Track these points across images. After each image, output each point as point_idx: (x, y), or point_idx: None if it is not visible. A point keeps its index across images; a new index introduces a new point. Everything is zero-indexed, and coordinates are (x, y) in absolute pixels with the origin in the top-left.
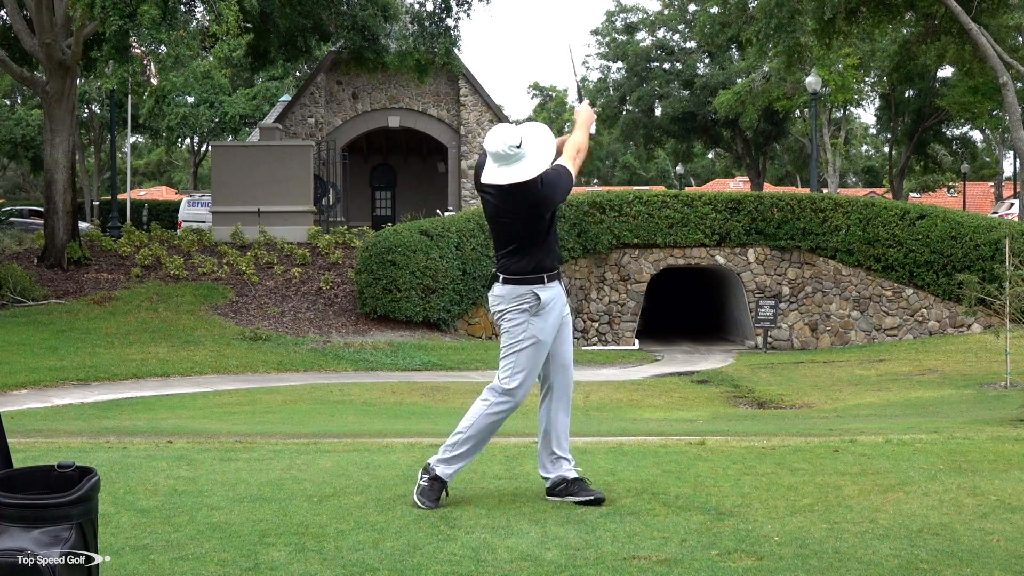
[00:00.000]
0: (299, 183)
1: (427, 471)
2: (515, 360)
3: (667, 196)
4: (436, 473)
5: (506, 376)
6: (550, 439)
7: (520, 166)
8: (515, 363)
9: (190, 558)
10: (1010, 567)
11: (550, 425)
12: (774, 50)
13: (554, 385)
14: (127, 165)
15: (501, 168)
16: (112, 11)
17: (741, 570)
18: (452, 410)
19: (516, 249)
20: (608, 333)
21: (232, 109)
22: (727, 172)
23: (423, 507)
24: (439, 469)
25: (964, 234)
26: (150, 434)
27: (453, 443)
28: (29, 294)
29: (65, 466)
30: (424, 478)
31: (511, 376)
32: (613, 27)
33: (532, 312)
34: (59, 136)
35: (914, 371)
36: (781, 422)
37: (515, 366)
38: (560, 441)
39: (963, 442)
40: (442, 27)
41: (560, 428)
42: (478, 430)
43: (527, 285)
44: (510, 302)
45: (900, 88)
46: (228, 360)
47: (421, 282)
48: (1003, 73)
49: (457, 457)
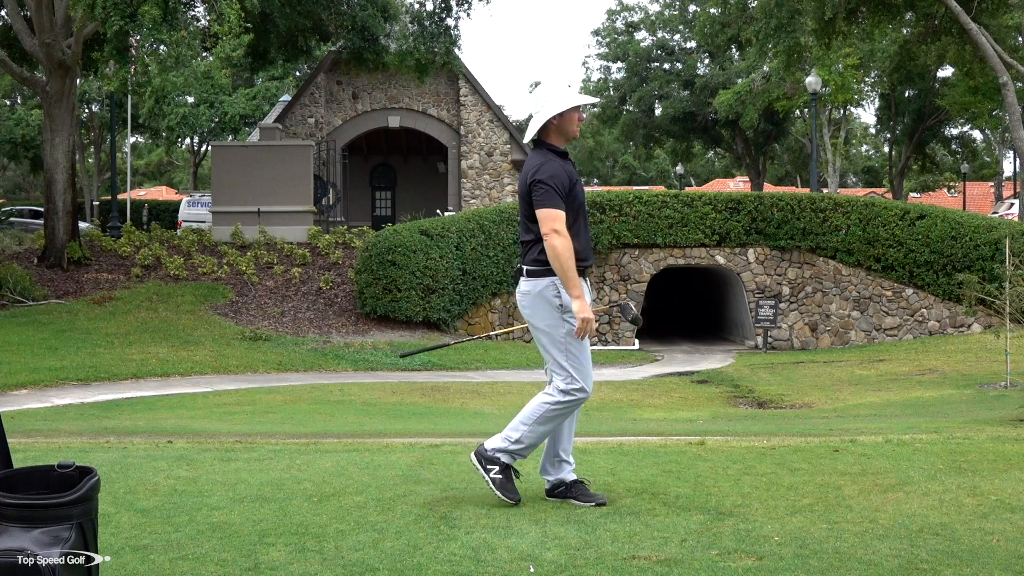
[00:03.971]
0: (299, 183)
1: (494, 461)
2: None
3: (667, 196)
4: (502, 460)
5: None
6: (556, 443)
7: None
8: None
9: (190, 558)
10: (1010, 567)
11: (558, 430)
12: (774, 50)
13: None
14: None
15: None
16: (113, 11)
17: (741, 570)
18: (452, 410)
19: (532, 240)
20: (608, 333)
21: (232, 109)
22: (727, 172)
23: (512, 503)
24: (504, 457)
25: (964, 234)
26: (150, 434)
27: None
28: (29, 294)
29: (65, 466)
30: (493, 471)
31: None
32: (614, 28)
33: (563, 309)
34: (59, 136)
35: (914, 371)
36: (781, 422)
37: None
38: (564, 445)
39: (963, 442)
40: (442, 27)
41: (566, 434)
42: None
43: (548, 276)
44: (535, 297)
45: (900, 88)
46: (228, 360)
47: (421, 282)
48: (1003, 73)
49: (518, 452)
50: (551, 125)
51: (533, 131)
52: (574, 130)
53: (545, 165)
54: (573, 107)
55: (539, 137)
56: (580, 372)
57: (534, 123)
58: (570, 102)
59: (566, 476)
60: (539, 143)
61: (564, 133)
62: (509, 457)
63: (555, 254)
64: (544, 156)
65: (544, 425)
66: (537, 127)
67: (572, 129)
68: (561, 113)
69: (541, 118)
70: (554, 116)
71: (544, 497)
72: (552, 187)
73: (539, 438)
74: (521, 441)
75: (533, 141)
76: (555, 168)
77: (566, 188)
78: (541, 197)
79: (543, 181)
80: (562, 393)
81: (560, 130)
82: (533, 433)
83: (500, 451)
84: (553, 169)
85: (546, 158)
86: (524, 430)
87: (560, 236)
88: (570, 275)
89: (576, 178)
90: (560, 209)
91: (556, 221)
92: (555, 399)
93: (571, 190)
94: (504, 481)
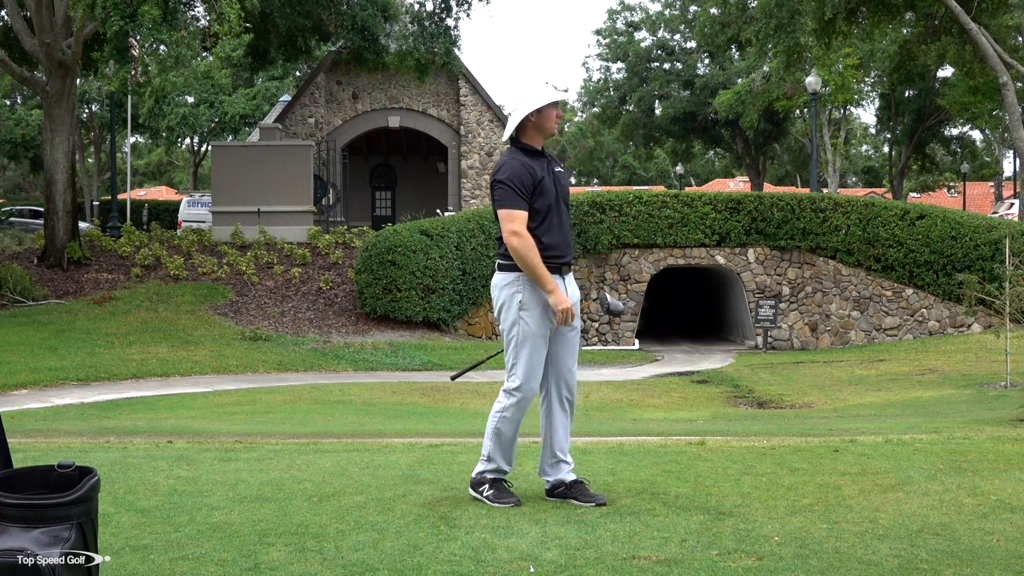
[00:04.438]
0: (299, 183)
1: (482, 483)
2: (509, 356)
3: (667, 196)
4: (487, 477)
5: (509, 375)
6: (551, 443)
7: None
8: (512, 359)
9: (190, 558)
10: (1010, 567)
11: (550, 431)
12: (774, 50)
13: (559, 394)
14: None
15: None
16: (113, 11)
17: (741, 570)
18: (452, 410)
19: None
20: (608, 333)
21: (232, 109)
22: (727, 172)
23: (513, 505)
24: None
25: (964, 234)
26: (150, 434)
27: (483, 456)
28: (29, 294)
29: (65, 466)
30: (485, 490)
31: (510, 375)
32: (614, 28)
33: (521, 307)
34: (59, 136)
35: (914, 371)
36: (781, 422)
37: (512, 363)
38: (561, 444)
39: (963, 442)
40: (442, 27)
41: (560, 433)
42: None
43: (515, 272)
44: (500, 290)
45: (900, 88)
46: (228, 360)
47: (421, 282)
48: (1003, 73)
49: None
50: (529, 123)
51: (511, 129)
52: (552, 127)
53: (506, 164)
54: (551, 103)
55: (516, 135)
56: (524, 371)
57: (511, 121)
58: (547, 98)
59: (565, 476)
60: (514, 141)
61: (542, 130)
62: (492, 473)
63: (517, 256)
64: (510, 155)
65: (501, 435)
66: (514, 125)
67: (550, 126)
68: (539, 110)
69: (518, 115)
70: (532, 113)
71: (544, 497)
72: (511, 187)
73: (505, 447)
74: (491, 457)
75: (511, 139)
76: (515, 167)
77: (528, 187)
78: (499, 197)
79: (501, 181)
80: (506, 396)
81: (538, 127)
82: (496, 444)
83: (481, 472)
84: (513, 168)
85: (510, 157)
86: (489, 445)
87: (518, 237)
88: (537, 272)
89: (545, 175)
90: (518, 209)
91: (514, 222)
92: (502, 405)
93: (536, 187)
94: (497, 494)
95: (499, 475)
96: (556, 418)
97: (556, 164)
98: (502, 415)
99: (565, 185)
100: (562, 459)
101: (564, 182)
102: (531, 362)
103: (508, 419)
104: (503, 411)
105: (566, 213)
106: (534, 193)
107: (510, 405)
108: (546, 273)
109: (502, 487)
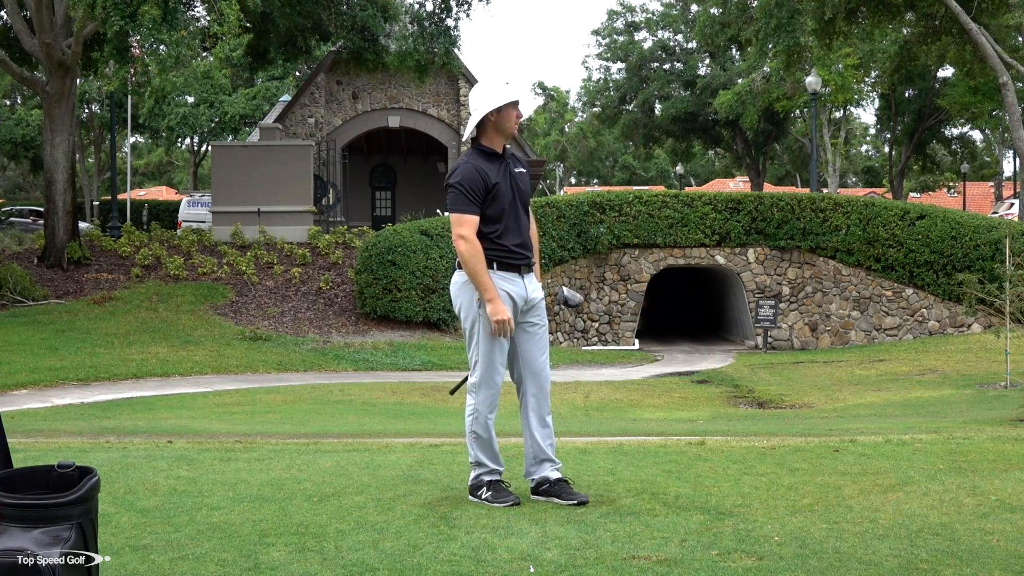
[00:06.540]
0: (299, 183)
1: (479, 487)
2: (471, 353)
3: (667, 196)
4: (483, 480)
5: (472, 372)
6: (530, 448)
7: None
8: (474, 356)
9: (190, 558)
10: (1010, 567)
11: (529, 431)
12: (774, 50)
13: (527, 392)
14: (127, 165)
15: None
16: (113, 11)
17: (741, 570)
18: (452, 410)
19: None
20: (608, 333)
21: (232, 109)
22: (727, 172)
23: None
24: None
25: (964, 234)
26: (150, 434)
27: (472, 462)
28: (29, 294)
29: (65, 466)
30: (483, 493)
31: (472, 372)
32: (614, 28)
33: (480, 304)
34: (59, 136)
35: (914, 371)
36: (781, 422)
37: (475, 360)
38: (540, 444)
39: (963, 442)
40: (442, 27)
41: (539, 433)
42: (469, 434)
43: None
44: (460, 288)
45: (900, 88)
46: (228, 360)
47: (421, 282)
48: (1003, 73)
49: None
50: (488, 122)
51: (470, 129)
52: (511, 127)
53: (459, 168)
54: (510, 103)
55: (476, 136)
56: (485, 367)
57: (471, 121)
58: (506, 97)
59: (549, 474)
60: (474, 142)
61: (501, 130)
62: (487, 475)
63: (463, 259)
64: (465, 158)
65: (479, 437)
66: (473, 125)
67: (509, 126)
68: (498, 109)
69: (477, 116)
70: (491, 112)
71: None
72: (461, 191)
73: (487, 447)
74: (479, 462)
75: (472, 140)
76: (468, 172)
77: (480, 191)
78: (450, 201)
79: (452, 185)
80: (472, 395)
81: (498, 127)
82: (478, 447)
83: (476, 477)
84: (465, 172)
85: (465, 160)
86: (471, 450)
87: (465, 241)
88: (479, 279)
89: (500, 179)
90: (468, 213)
91: (462, 227)
92: (471, 406)
93: (490, 192)
94: (496, 495)
95: (494, 476)
96: (533, 421)
97: (517, 164)
98: (474, 417)
99: (525, 187)
100: (544, 458)
101: (524, 184)
102: (491, 358)
103: (479, 419)
104: (473, 412)
105: (524, 215)
106: (486, 199)
107: (477, 404)
108: (488, 281)
109: (500, 488)
